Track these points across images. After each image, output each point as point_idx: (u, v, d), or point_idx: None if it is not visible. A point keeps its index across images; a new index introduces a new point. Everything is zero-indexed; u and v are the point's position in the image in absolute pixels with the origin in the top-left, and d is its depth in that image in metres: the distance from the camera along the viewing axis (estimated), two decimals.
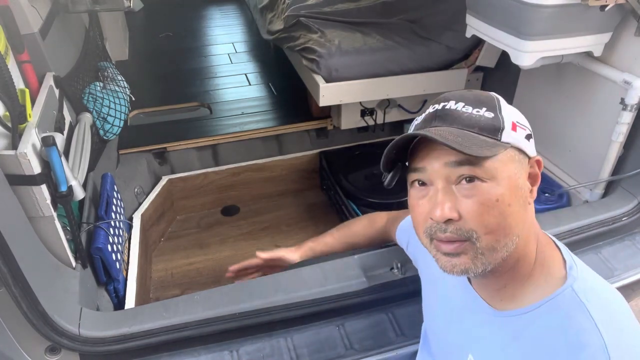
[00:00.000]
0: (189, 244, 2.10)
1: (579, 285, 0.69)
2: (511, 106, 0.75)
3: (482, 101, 0.72)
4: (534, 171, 0.73)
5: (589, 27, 1.44)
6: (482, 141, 0.68)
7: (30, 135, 1.06)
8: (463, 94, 0.74)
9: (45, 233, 1.15)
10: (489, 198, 0.67)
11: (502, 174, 0.68)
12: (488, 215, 0.67)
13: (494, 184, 0.68)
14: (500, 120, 0.70)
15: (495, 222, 0.68)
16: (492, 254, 0.69)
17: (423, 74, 2.07)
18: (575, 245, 1.40)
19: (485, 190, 0.68)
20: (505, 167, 0.69)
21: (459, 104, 0.72)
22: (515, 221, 0.69)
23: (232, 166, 2.26)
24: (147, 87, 2.70)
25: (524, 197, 0.70)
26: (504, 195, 0.68)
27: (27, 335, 1.05)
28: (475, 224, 0.68)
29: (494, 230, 0.68)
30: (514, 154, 0.70)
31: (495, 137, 0.69)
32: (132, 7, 1.59)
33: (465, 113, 0.71)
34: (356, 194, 2.06)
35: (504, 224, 0.68)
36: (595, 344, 0.63)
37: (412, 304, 1.25)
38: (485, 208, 0.67)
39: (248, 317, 1.17)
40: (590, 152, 1.65)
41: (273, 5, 2.63)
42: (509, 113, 0.73)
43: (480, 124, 0.70)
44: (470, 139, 0.68)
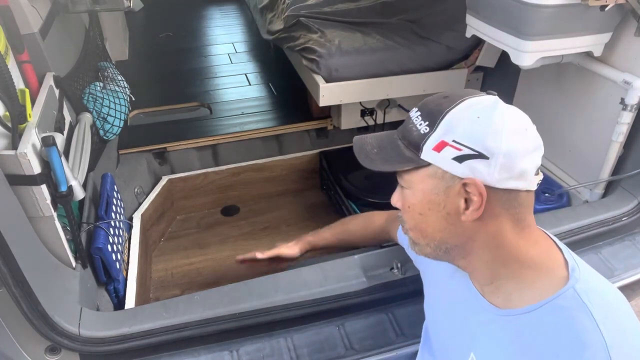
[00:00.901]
0: (189, 244, 2.10)
1: (581, 286, 0.69)
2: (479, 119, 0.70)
3: (432, 114, 0.74)
4: (468, 196, 0.71)
5: (589, 27, 1.44)
6: (399, 155, 0.76)
7: (30, 135, 1.06)
8: (428, 102, 0.76)
9: (45, 233, 1.15)
10: (403, 203, 0.80)
11: (417, 186, 0.76)
12: (408, 217, 0.80)
13: (409, 193, 0.78)
14: (426, 138, 0.73)
15: (411, 223, 0.80)
16: (419, 246, 0.82)
17: (423, 74, 2.07)
18: (575, 245, 1.40)
19: (404, 196, 0.79)
20: (421, 181, 0.75)
21: (418, 112, 0.76)
22: (432, 229, 0.77)
23: (232, 166, 2.26)
24: (147, 87, 2.70)
25: (445, 212, 0.74)
26: (414, 205, 0.77)
27: (27, 335, 1.05)
28: (404, 218, 0.82)
29: (412, 228, 0.81)
30: (435, 171, 0.73)
31: (415, 153, 0.74)
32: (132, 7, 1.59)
33: (411, 124, 0.76)
34: (356, 194, 2.06)
35: (418, 227, 0.79)
36: (596, 345, 0.63)
37: (412, 304, 1.25)
38: (403, 210, 0.81)
39: (248, 317, 1.17)
40: (590, 152, 1.65)
41: (273, 5, 2.63)
42: (450, 130, 0.71)
43: (410, 138, 0.75)
44: (388, 152, 0.78)
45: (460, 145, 0.70)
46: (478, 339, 0.79)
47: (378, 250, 1.33)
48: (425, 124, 0.73)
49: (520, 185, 0.71)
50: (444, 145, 0.71)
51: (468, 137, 0.70)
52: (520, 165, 0.70)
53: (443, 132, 0.71)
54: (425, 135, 0.73)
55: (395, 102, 2.28)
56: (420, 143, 0.73)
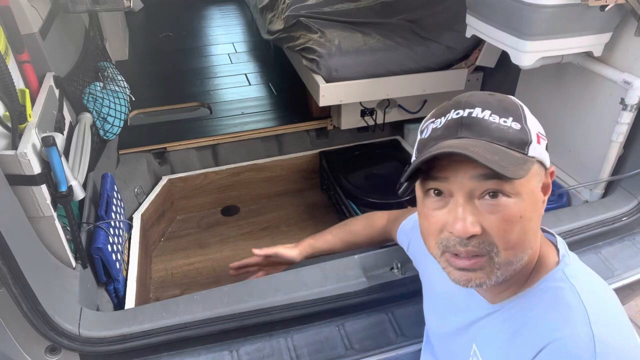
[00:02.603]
0: (189, 244, 2.10)
1: (569, 270, 0.73)
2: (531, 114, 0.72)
3: (507, 109, 0.69)
4: (547, 181, 0.72)
5: (589, 27, 1.44)
6: (513, 157, 0.65)
7: (30, 135, 1.06)
8: (487, 100, 0.70)
9: (45, 233, 1.15)
10: (513, 214, 0.66)
11: (526, 189, 0.67)
12: (511, 232, 0.67)
13: (518, 200, 0.66)
14: (527, 132, 0.68)
15: (517, 237, 0.67)
16: (507, 267, 0.69)
17: (423, 74, 2.07)
18: (575, 245, 1.40)
19: (510, 207, 0.66)
20: (529, 182, 0.67)
21: (486, 111, 0.68)
22: (533, 235, 0.70)
23: (232, 166, 2.26)
24: (147, 87, 2.70)
25: (541, 210, 0.71)
26: (526, 211, 0.67)
27: (27, 335, 1.05)
28: (498, 240, 0.67)
29: (514, 246, 0.68)
30: (536, 167, 0.69)
31: (523, 151, 0.67)
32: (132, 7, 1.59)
33: (494, 123, 0.67)
34: (356, 194, 2.06)
35: (523, 239, 0.68)
36: (581, 321, 0.66)
37: (412, 304, 1.25)
38: (509, 224, 0.66)
39: (248, 317, 1.17)
40: (590, 152, 1.65)
41: (273, 5, 2.63)
42: (533, 123, 0.70)
43: (509, 137, 0.67)
44: (505, 156, 0.65)
45: (543, 135, 0.71)
46: (478, 332, 0.81)
47: (378, 250, 1.33)
48: (510, 121, 0.68)
49: None
50: (539, 138, 0.69)
51: (540, 127, 0.71)
52: None
53: (532, 125, 0.69)
54: (522, 131, 0.67)
55: (395, 102, 2.28)
56: (527, 138, 0.67)
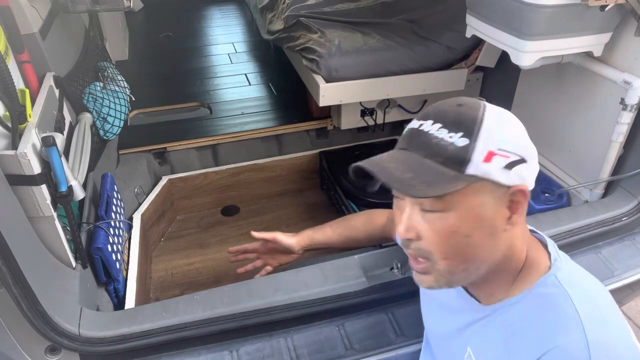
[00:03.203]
0: (189, 244, 2.10)
1: (562, 274, 0.73)
2: (506, 122, 0.69)
3: (461, 123, 0.67)
4: (515, 199, 0.69)
5: (589, 27, 1.44)
6: (438, 175, 0.66)
7: (30, 135, 1.06)
8: (446, 111, 0.70)
9: (45, 233, 1.15)
10: (445, 229, 0.68)
11: (462, 205, 0.67)
12: (445, 244, 0.69)
13: (451, 215, 0.68)
14: (470, 150, 0.66)
15: (452, 250, 0.70)
16: (452, 276, 0.72)
17: (423, 74, 2.07)
18: (575, 245, 1.40)
19: (441, 221, 0.68)
20: (467, 199, 0.67)
21: (436, 124, 0.68)
22: (476, 250, 0.70)
23: (232, 166, 2.26)
24: (147, 87, 2.70)
25: (492, 227, 0.69)
26: (461, 227, 0.68)
27: (27, 335, 1.05)
28: (433, 248, 0.70)
29: (451, 257, 0.70)
30: (482, 185, 0.67)
31: (458, 169, 0.66)
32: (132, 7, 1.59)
33: (435, 138, 0.68)
34: (356, 194, 2.06)
35: (462, 252, 0.70)
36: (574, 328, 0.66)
37: (412, 304, 1.25)
38: (442, 238, 0.69)
39: (248, 317, 1.17)
40: (590, 152, 1.65)
41: (273, 5, 2.63)
42: (491, 138, 0.67)
43: (447, 153, 0.67)
44: (424, 174, 0.66)
45: (506, 152, 0.67)
46: (472, 335, 0.81)
47: (378, 250, 1.33)
48: (458, 136, 0.66)
49: (532, 186, 0.72)
50: (492, 155, 0.66)
51: (510, 142, 0.67)
52: (536, 165, 0.71)
53: (486, 141, 0.66)
54: (467, 147, 0.66)
55: (395, 102, 2.28)
56: (466, 156, 0.66)
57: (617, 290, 1.35)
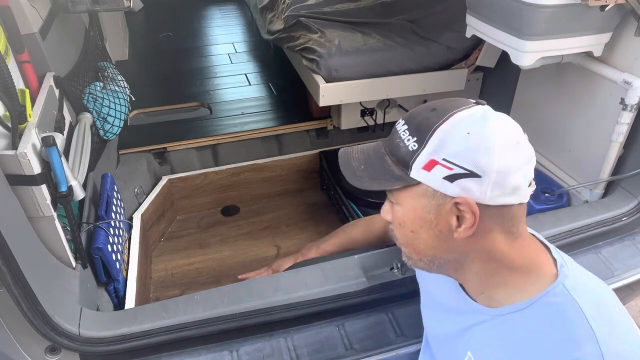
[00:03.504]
0: (189, 244, 2.10)
1: (569, 282, 0.71)
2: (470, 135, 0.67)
3: (420, 129, 0.71)
4: (460, 214, 0.69)
5: (589, 27, 1.44)
6: (386, 172, 0.74)
7: (30, 135, 1.06)
8: (416, 116, 0.73)
9: (45, 233, 1.15)
10: (396, 220, 0.78)
11: (407, 204, 0.74)
12: (399, 233, 0.79)
13: (400, 210, 0.76)
14: (415, 156, 0.70)
15: (403, 239, 0.79)
16: (412, 260, 0.80)
17: (423, 74, 2.07)
18: (575, 245, 1.40)
19: (394, 213, 0.78)
20: (412, 199, 0.73)
21: (405, 126, 0.73)
22: (424, 245, 0.76)
23: (232, 166, 2.26)
24: (147, 87, 2.70)
25: (437, 229, 0.73)
26: (405, 222, 0.76)
27: (27, 335, 1.05)
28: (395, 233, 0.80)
29: (404, 244, 0.80)
30: (425, 190, 0.71)
31: (403, 171, 0.72)
32: (132, 7, 1.59)
33: (398, 139, 0.73)
34: (356, 194, 2.06)
35: (411, 244, 0.78)
36: (587, 339, 0.64)
37: (412, 304, 1.25)
38: (395, 225, 0.79)
39: (248, 317, 1.17)
40: (590, 152, 1.65)
41: (273, 5, 2.63)
42: (440, 148, 0.68)
43: (399, 155, 0.73)
44: (374, 169, 0.76)
45: (451, 164, 0.67)
46: (473, 338, 0.80)
47: (378, 250, 1.33)
48: (413, 140, 0.70)
49: (513, 200, 0.70)
50: (434, 164, 0.68)
51: (459, 155, 0.67)
52: (513, 181, 0.68)
53: (433, 150, 0.68)
54: (414, 152, 0.70)
55: (395, 102, 2.28)
56: (409, 161, 0.70)
57: (617, 290, 1.35)
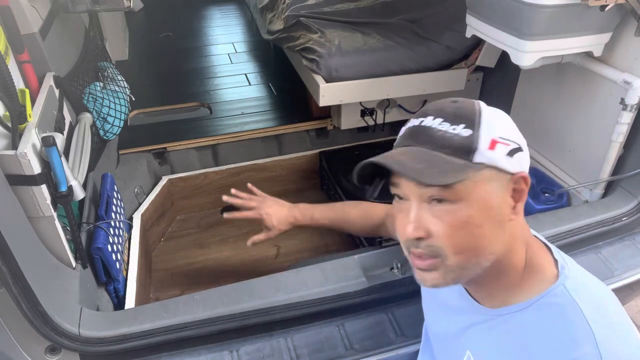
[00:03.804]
0: (189, 244, 2.10)
1: (570, 283, 0.71)
2: (500, 115, 0.73)
3: (461, 116, 0.70)
4: (519, 187, 0.71)
5: (589, 27, 1.44)
6: (449, 164, 0.67)
7: (30, 135, 1.06)
8: (443, 107, 0.72)
9: (45, 233, 1.15)
10: (457, 220, 0.68)
11: (473, 195, 0.68)
12: (457, 237, 0.68)
13: (463, 206, 0.68)
14: (475, 139, 0.68)
15: (465, 242, 0.69)
16: (462, 271, 0.71)
17: (423, 74, 2.07)
18: (575, 245, 1.40)
19: (454, 212, 0.68)
20: (477, 188, 0.68)
21: (437, 119, 0.71)
22: (487, 241, 0.70)
23: (232, 166, 2.26)
24: (147, 87, 2.70)
25: (501, 215, 0.70)
26: (473, 217, 0.68)
27: (27, 335, 1.05)
28: (445, 244, 0.69)
29: (463, 250, 0.69)
30: (490, 173, 0.69)
31: (467, 158, 0.68)
32: (132, 7, 1.59)
33: (440, 131, 0.69)
34: (356, 194, 2.06)
35: (473, 245, 0.69)
36: (586, 340, 0.64)
37: (412, 304, 1.25)
38: (454, 229, 0.68)
39: (248, 317, 1.17)
40: (590, 152, 1.65)
41: (273, 5, 2.63)
42: (491, 128, 0.70)
43: (453, 144, 0.68)
44: (435, 164, 0.67)
45: (507, 140, 0.70)
46: (472, 338, 0.81)
47: (378, 250, 1.33)
48: (461, 127, 0.69)
49: None
50: (496, 143, 0.69)
51: (507, 131, 0.71)
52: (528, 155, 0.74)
53: (488, 131, 0.69)
54: (471, 137, 0.68)
55: (395, 102, 2.28)
56: (472, 145, 0.68)
57: (617, 290, 1.35)
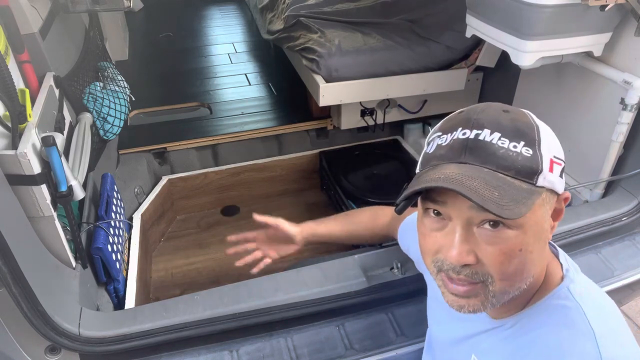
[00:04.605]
0: (189, 244, 2.10)
1: (574, 287, 0.71)
2: (549, 130, 0.67)
3: (520, 132, 0.63)
4: (560, 207, 0.68)
5: (589, 27, 1.44)
6: (517, 190, 0.61)
7: (30, 135, 1.06)
8: (499, 119, 0.64)
9: (45, 233, 1.15)
10: (512, 247, 0.63)
11: (530, 221, 0.63)
12: (509, 264, 0.63)
13: (519, 232, 0.62)
14: (538, 159, 0.62)
15: (514, 269, 0.64)
16: (503, 296, 0.66)
17: (423, 74, 2.07)
18: (575, 245, 1.40)
19: (510, 239, 0.62)
20: (534, 213, 0.62)
21: (495, 134, 0.63)
22: (533, 265, 0.66)
23: (232, 166, 2.26)
24: (147, 87, 2.70)
25: (546, 238, 0.67)
26: (528, 244, 0.63)
27: (27, 335, 1.05)
28: (493, 270, 0.64)
29: (510, 277, 0.65)
30: (546, 196, 0.64)
31: (531, 181, 0.62)
32: (132, 7, 1.59)
33: (502, 149, 0.62)
34: (356, 194, 2.06)
35: (521, 270, 0.65)
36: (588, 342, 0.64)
37: (412, 304, 1.25)
38: (507, 257, 0.63)
39: (248, 317, 1.17)
40: (590, 152, 1.65)
41: (273, 5, 2.63)
42: (548, 146, 0.64)
43: (517, 166, 0.62)
44: (507, 191, 0.60)
45: (559, 159, 0.65)
46: (478, 343, 0.80)
47: (378, 250, 1.33)
48: (521, 146, 0.62)
49: None
50: (553, 163, 0.64)
51: (558, 149, 0.66)
52: None
53: (547, 150, 0.64)
54: (533, 159, 0.62)
55: (395, 102, 2.28)
56: (537, 168, 0.62)
57: (617, 290, 1.35)
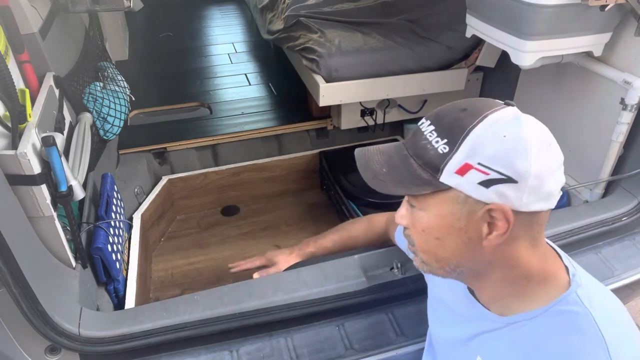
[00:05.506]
0: (189, 244, 2.10)
1: (582, 291, 0.70)
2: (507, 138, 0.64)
3: (450, 131, 0.66)
4: (492, 219, 0.67)
5: (589, 27, 1.44)
6: (411, 176, 0.69)
7: (30, 135, 1.06)
8: (445, 115, 0.69)
9: (45, 233, 1.15)
10: (417, 225, 0.73)
11: (434, 210, 0.70)
12: (418, 238, 0.75)
13: (423, 215, 0.72)
14: (447, 159, 0.66)
15: (424, 246, 0.75)
16: (430, 267, 0.76)
17: (423, 74, 2.07)
18: (575, 245, 1.40)
19: (417, 218, 0.73)
20: (439, 206, 0.69)
21: (430, 126, 0.69)
22: (448, 253, 0.72)
23: (232, 166, 2.26)
24: (147, 87, 2.70)
25: (466, 237, 0.69)
26: (431, 228, 0.71)
27: (27, 335, 1.05)
28: (415, 239, 0.76)
29: (423, 250, 0.75)
30: (455, 195, 0.67)
31: (433, 174, 0.67)
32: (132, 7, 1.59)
33: (424, 141, 0.69)
34: (356, 194, 2.06)
35: (433, 251, 0.74)
36: (598, 347, 0.64)
37: (412, 304, 1.25)
38: (415, 231, 0.74)
39: (248, 317, 1.17)
40: (590, 152, 1.65)
41: (273, 5, 2.63)
42: (474, 151, 0.64)
43: (426, 158, 0.68)
44: (398, 172, 0.71)
45: (487, 168, 0.64)
46: (483, 344, 0.79)
47: (378, 250, 1.33)
48: (443, 143, 0.66)
49: (545, 206, 0.68)
50: (469, 169, 0.64)
51: (496, 159, 0.64)
52: (548, 186, 0.66)
53: (467, 154, 0.65)
54: (445, 155, 0.66)
55: (395, 102, 2.28)
56: (440, 165, 0.66)
57: (617, 290, 1.35)
